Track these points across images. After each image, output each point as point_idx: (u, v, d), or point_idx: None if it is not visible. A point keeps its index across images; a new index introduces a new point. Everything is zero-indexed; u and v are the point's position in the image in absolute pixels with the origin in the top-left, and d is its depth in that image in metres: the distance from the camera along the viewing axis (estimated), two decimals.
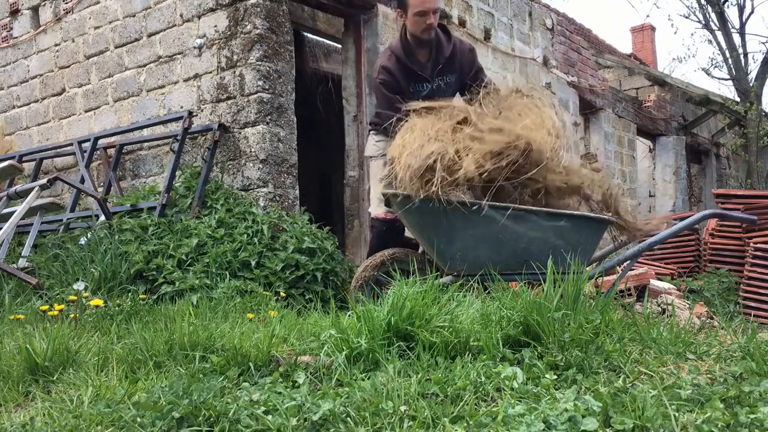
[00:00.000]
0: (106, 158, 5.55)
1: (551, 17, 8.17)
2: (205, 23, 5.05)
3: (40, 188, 4.27)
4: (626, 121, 10.00)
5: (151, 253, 3.97)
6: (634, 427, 1.49)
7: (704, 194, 12.45)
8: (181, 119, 4.94)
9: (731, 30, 12.67)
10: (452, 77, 3.77)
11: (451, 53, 3.74)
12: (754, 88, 12.13)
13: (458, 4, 6.61)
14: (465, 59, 3.82)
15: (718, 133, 12.70)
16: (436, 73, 3.71)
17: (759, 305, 4.76)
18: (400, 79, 3.64)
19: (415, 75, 3.68)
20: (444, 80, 3.75)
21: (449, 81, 3.77)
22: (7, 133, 6.63)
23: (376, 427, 1.57)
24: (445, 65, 3.73)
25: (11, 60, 6.62)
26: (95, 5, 5.86)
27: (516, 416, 1.56)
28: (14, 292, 3.73)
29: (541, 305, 2.24)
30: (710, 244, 5.42)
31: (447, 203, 3.01)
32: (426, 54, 3.72)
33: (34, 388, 2.06)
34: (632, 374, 1.95)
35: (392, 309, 2.19)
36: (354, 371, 1.98)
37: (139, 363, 2.18)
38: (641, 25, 19.62)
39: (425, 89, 3.71)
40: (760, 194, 5.54)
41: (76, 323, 2.75)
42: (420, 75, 3.68)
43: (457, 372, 1.91)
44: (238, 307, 3.27)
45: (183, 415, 1.61)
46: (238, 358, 2.08)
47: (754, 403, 1.64)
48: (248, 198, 4.63)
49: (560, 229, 3.16)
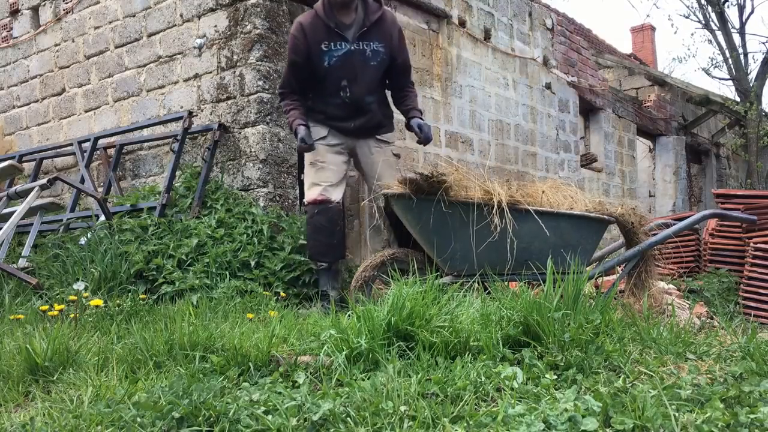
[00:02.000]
0: (106, 158, 5.54)
1: (551, 17, 8.17)
2: (205, 23, 5.05)
3: (40, 188, 4.27)
4: (626, 121, 10.00)
5: (151, 253, 3.97)
6: (634, 427, 1.49)
7: (704, 194, 12.44)
8: (181, 119, 4.94)
9: (731, 30, 12.68)
10: (380, 46, 3.73)
11: (379, 18, 3.71)
12: (754, 88, 12.13)
13: (458, 4, 6.61)
14: (395, 34, 3.80)
15: (718, 133, 12.70)
16: (359, 36, 3.68)
17: (759, 305, 4.75)
18: (312, 35, 3.63)
19: (331, 31, 3.64)
20: (370, 46, 3.71)
21: (376, 49, 3.72)
22: (7, 133, 6.63)
23: (376, 427, 1.57)
24: (372, 30, 3.70)
25: (11, 60, 6.62)
26: (95, 5, 5.86)
27: (516, 416, 1.56)
28: (14, 292, 3.73)
29: (541, 305, 2.24)
30: (710, 244, 5.42)
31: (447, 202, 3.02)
32: (350, 16, 3.69)
33: (34, 388, 2.06)
34: (632, 374, 1.95)
35: (392, 309, 2.19)
36: (354, 371, 1.97)
37: (139, 363, 2.18)
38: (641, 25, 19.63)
39: (342, 48, 3.66)
40: (760, 194, 5.54)
41: (76, 323, 2.75)
42: (336, 32, 3.65)
43: (457, 372, 1.91)
44: (238, 307, 3.27)
45: (183, 415, 1.61)
46: (238, 358, 2.08)
47: (754, 403, 1.64)
48: (248, 198, 4.63)
49: (560, 229, 3.16)
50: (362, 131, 3.86)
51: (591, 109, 9.27)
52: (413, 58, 6.08)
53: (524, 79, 7.52)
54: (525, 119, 7.48)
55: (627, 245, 3.48)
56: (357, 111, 3.80)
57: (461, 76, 6.60)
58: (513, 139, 7.27)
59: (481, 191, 3.09)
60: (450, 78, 6.44)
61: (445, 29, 6.41)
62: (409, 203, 3.17)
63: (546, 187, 3.31)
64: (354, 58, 3.69)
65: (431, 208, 3.10)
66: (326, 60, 3.67)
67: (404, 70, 3.92)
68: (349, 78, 3.71)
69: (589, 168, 8.97)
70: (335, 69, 3.69)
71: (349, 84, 3.72)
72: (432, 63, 6.27)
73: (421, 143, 3.86)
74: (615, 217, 3.35)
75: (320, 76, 3.72)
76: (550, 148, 7.89)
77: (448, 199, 3.08)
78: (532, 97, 7.63)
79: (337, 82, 3.72)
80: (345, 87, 3.72)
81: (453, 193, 3.10)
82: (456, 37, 6.55)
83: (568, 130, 8.30)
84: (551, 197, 3.24)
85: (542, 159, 7.74)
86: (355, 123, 3.82)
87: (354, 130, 3.83)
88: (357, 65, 3.70)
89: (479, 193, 3.08)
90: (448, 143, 6.37)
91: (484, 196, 3.08)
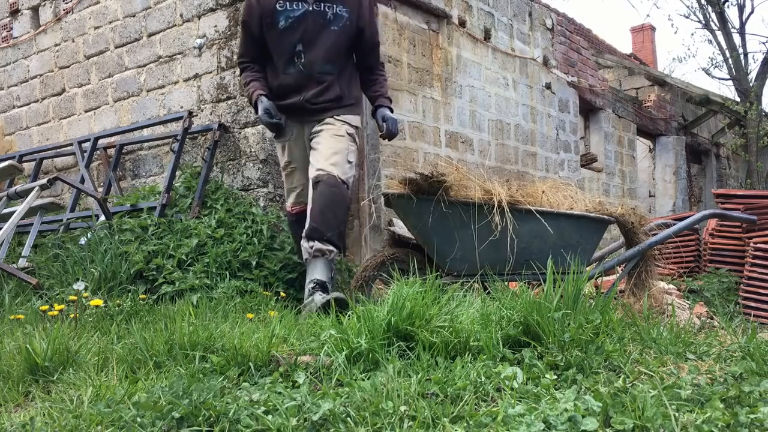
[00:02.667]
0: (106, 158, 5.54)
1: (551, 17, 8.17)
2: (205, 23, 5.05)
3: (40, 188, 4.27)
4: (626, 121, 10.00)
5: (151, 253, 3.96)
6: (634, 427, 1.49)
7: (704, 194, 12.44)
8: (181, 119, 4.94)
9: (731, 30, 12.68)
10: (344, 11, 3.39)
11: None
12: (754, 88, 12.13)
13: (458, 4, 6.61)
14: (365, 2, 3.48)
15: (718, 133, 12.70)
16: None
17: (759, 305, 4.76)
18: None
19: None
20: (332, 9, 3.37)
21: (339, 13, 3.38)
22: (7, 133, 6.63)
23: (376, 427, 1.57)
24: None
25: (11, 60, 6.62)
26: (95, 5, 5.86)
27: (516, 416, 1.55)
28: (14, 292, 3.73)
29: (541, 305, 2.24)
30: (710, 244, 5.42)
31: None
32: None
33: (34, 388, 2.06)
34: (632, 374, 1.95)
35: (392, 309, 2.19)
36: (354, 371, 1.97)
37: (139, 363, 2.18)
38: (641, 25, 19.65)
39: (299, 9, 3.34)
40: (760, 194, 5.54)
41: (76, 323, 2.75)
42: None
43: (457, 372, 1.91)
44: (238, 307, 3.27)
45: (183, 415, 1.61)
46: (238, 358, 2.08)
47: (754, 403, 1.64)
48: (248, 198, 4.63)
49: (560, 229, 3.17)
50: (312, 110, 3.41)
51: (591, 109, 9.27)
52: (413, 58, 6.09)
53: (524, 79, 7.52)
54: (525, 119, 7.49)
55: (627, 245, 3.48)
56: (310, 81, 3.38)
57: (461, 76, 6.60)
58: (513, 139, 7.27)
59: (481, 191, 3.09)
60: (450, 78, 6.44)
61: (445, 29, 6.42)
62: (409, 203, 3.17)
63: (546, 187, 3.31)
64: (311, 20, 3.34)
65: (431, 208, 3.10)
66: (281, 21, 3.34)
67: (372, 48, 3.55)
68: (304, 42, 3.34)
69: (589, 168, 8.97)
70: (290, 31, 3.34)
71: (305, 49, 3.35)
72: (432, 63, 6.27)
73: (384, 137, 3.53)
74: (615, 217, 3.35)
75: (274, 41, 3.39)
76: (550, 148, 7.89)
77: (448, 199, 3.08)
78: (532, 97, 7.63)
79: (292, 47, 3.35)
80: (300, 52, 3.35)
81: (453, 192, 3.10)
82: (456, 37, 6.55)
83: (568, 130, 8.30)
84: (551, 197, 3.24)
85: (542, 159, 7.74)
86: (305, 95, 3.39)
87: (301, 105, 3.40)
88: (314, 28, 3.35)
89: (479, 193, 3.08)
90: (448, 143, 6.37)
91: (485, 196, 3.08)
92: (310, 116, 3.43)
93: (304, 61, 3.36)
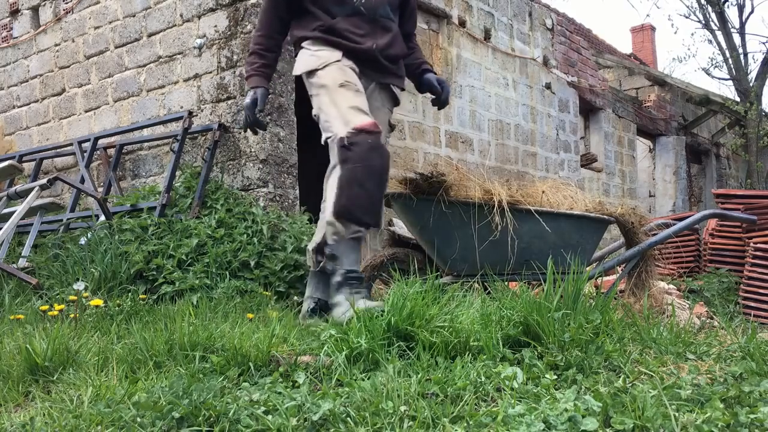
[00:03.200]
0: (106, 158, 5.55)
1: (551, 17, 8.17)
2: (205, 23, 5.05)
3: (40, 188, 4.27)
4: (626, 121, 10.00)
5: (151, 253, 3.96)
6: (634, 427, 1.49)
7: (704, 194, 12.44)
8: (181, 119, 4.94)
9: (731, 30, 12.70)
10: None
11: None
12: (754, 88, 12.14)
13: (458, 4, 6.61)
14: None
15: (718, 133, 12.70)
16: None
17: (759, 305, 4.76)
18: None
19: None
20: None
21: None
22: (7, 133, 6.63)
23: (376, 427, 1.57)
24: None
25: (11, 60, 6.62)
26: (95, 5, 5.86)
27: (516, 416, 1.55)
28: (14, 292, 3.73)
29: (541, 305, 2.24)
30: (710, 244, 5.42)
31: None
32: None
33: (34, 388, 2.06)
34: (632, 374, 1.95)
35: (392, 309, 2.19)
36: (354, 371, 1.97)
37: (139, 363, 2.18)
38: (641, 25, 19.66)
39: None
40: (760, 194, 5.54)
41: (76, 323, 2.75)
42: None
43: (457, 372, 1.91)
44: (238, 307, 3.27)
45: (183, 415, 1.61)
46: (238, 358, 2.08)
47: (754, 403, 1.64)
48: (248, 198, 4.63)
49: (560, 229, 3.16)
50: (384, 66, 2.92)
51: (591, 109, 9.27)
52: None
53: (524, 79, 7.52)
54: (525, 119, 7.49)
55: (627, 245, 3.48)
56: (375, 26, 2.88)
57: (461, 76, 6.59)
58: (513, 139, 7.27)
59: (481, 191, 3.08)
60: (450, 78, 6.44)
61: (445, 29, 6.41)
62: (409, 203, 3.17)
63: (546, 187, 3.31)
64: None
65: (431, 208, 3.10)
66: None
67: (412, 12, 3.18)
68: None
69: (589, 168, 8.97)
70: None
71: None
72: (432, 63, 6.26)
73: (437, 104, 3.13)
74: (615, 217, 3.35)
75: None
76: (550, 148, 7.89)
77: (448, 199, 3.08)
78: (532, 97, 7.63)
79: None
80: None
81: (453, 192, 3.10)
82: (456, 37, 6.55)
83: (568, 130, 8.30)
84: (551, 197, 3.24)
85: (542, 159, 7.74)
86: (378, 43, 2.87)
87: (375, 56, 2.88)
88: None
89: (479, 193, 3.08)
90: (448, 143, 6.37)
91: (485, 196, 3.08)
92: (381, 75, 2.97)
93: (363, 1, 2.85)
